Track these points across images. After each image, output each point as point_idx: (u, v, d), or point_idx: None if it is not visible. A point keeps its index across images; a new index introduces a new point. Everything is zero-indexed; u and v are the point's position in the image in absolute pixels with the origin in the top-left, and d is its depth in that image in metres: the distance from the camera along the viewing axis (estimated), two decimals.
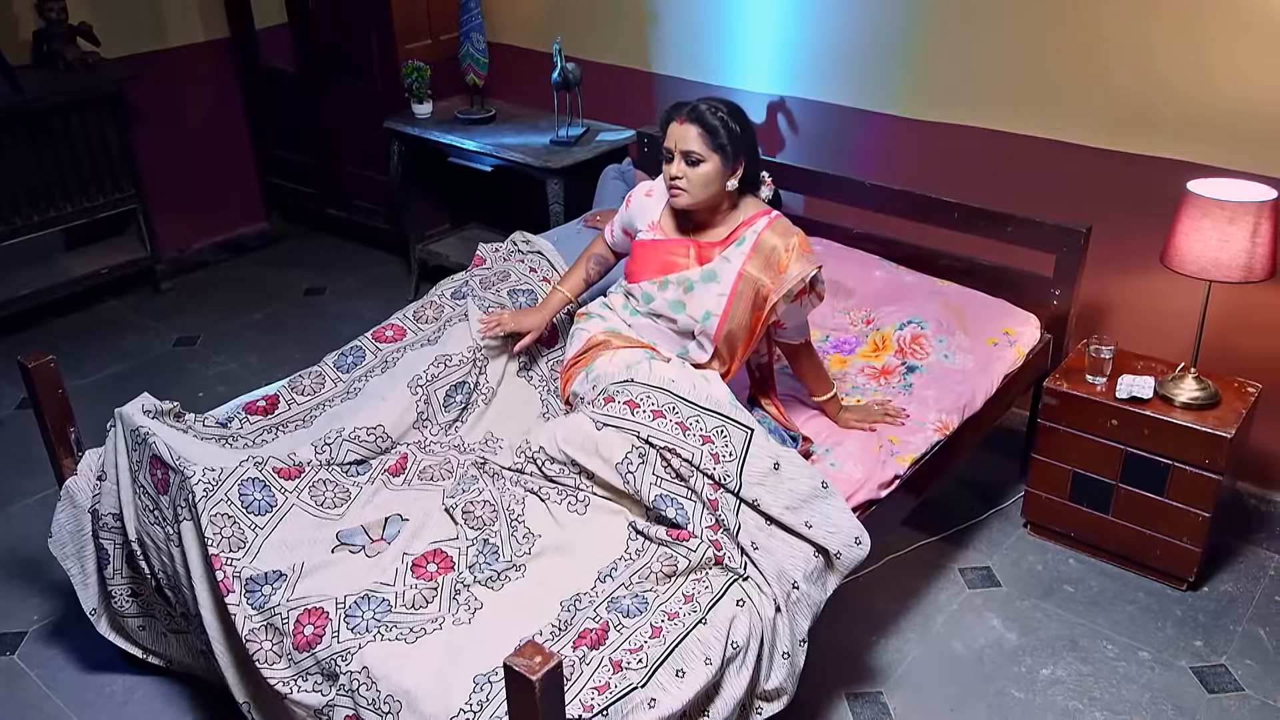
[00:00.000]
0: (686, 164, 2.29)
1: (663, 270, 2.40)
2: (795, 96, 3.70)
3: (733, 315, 2.34)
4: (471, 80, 4.03)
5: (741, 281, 2.34)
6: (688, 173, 2.29)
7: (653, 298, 2.41)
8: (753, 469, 2.14)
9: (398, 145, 4.12)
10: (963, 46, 3.21)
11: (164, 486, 2.18)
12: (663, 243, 2.43)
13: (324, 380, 2.57)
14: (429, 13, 4.29)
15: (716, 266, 2.37)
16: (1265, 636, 2.69)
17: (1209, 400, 2.72)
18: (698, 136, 2.27)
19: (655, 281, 2.40)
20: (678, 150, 2.29)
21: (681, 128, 2.29)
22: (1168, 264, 2.65)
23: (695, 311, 2.36)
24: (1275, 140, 2.70)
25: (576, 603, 2.04)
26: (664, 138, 2.32)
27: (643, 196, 2.51)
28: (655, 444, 2.14)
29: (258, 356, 4.00)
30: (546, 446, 2.26)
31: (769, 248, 2.34)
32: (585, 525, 2.20)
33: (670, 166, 2.31)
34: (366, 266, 4.73)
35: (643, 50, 4.01)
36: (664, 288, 2.40)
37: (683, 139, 2.28)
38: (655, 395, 2.23)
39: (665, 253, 2.42)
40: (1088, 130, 3.04)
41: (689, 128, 2.28)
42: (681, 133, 2.29)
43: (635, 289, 2.44)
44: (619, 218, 2.59)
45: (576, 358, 2.48)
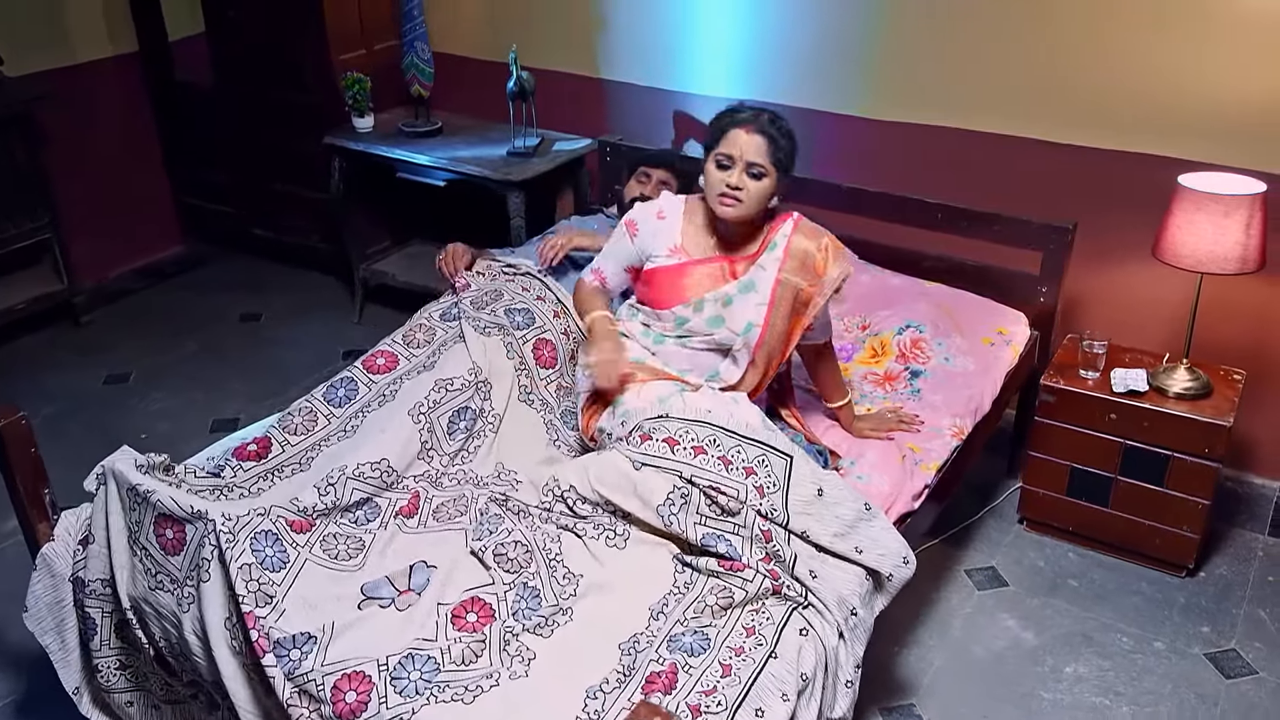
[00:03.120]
0: (749, 175, 2.19)
1: (696, 292, 2.30)
2: (754, 100, 3.63)
3: (773, 323, 2.27)
4: (416, 91, 3.86)
5: (780, 288, 2.27)
6: (748, 184, 2.19)
7: (687, 319, 2.31)
8: (797, 497, 2.08)
9: (339, 161, 3.92)
10: (926, 46, 3.20)
11: (175, 546, 2.00)
12: (691, 265, 2.32)
13: (316, 417, 2.39)
14: (362, 21, 4.09)
15: (753, 276, 2.29)
16: (1267, 618, 2.75)
17: (1202, 390, 2.77)
18: (764, 148, 2.18)
19: (689, 304, 2.30)
20: (741, 160, 2.18)
21: (749, 137, 2.18)
22: (1161, 257, 2.69)
23: (736, 325, 2.28)
24: (1256, 134, 2.75)
25: (635, 644, 1.93)
26: (716, 143, 2.21)
27: (654, 219, 2.36)
28: (698, 483, 2.05)
29: (201, 391, 3.76)
30: (578, 485, 2.14)
31: (801, 251, 2.28)
32: (626, 560, 2.10)
33: (727, 175, 2.19)
34: (302, 289, 4.50)
35: (591, 56, 3.90)
36: (700, 308, 2.30)
37: (749, 149, 2.17)
38: (694, 430, 2.13)
39: (697, 275, 2.31)
40: (1054, 127, 3.06)
41: (756, 138, 2.17)
42: (748, 142, 2.18)
43: (665, 314, 2.33)
44: (614, 255, 2.44)
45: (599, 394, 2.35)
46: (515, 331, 2.59)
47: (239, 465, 2.28)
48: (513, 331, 2.58)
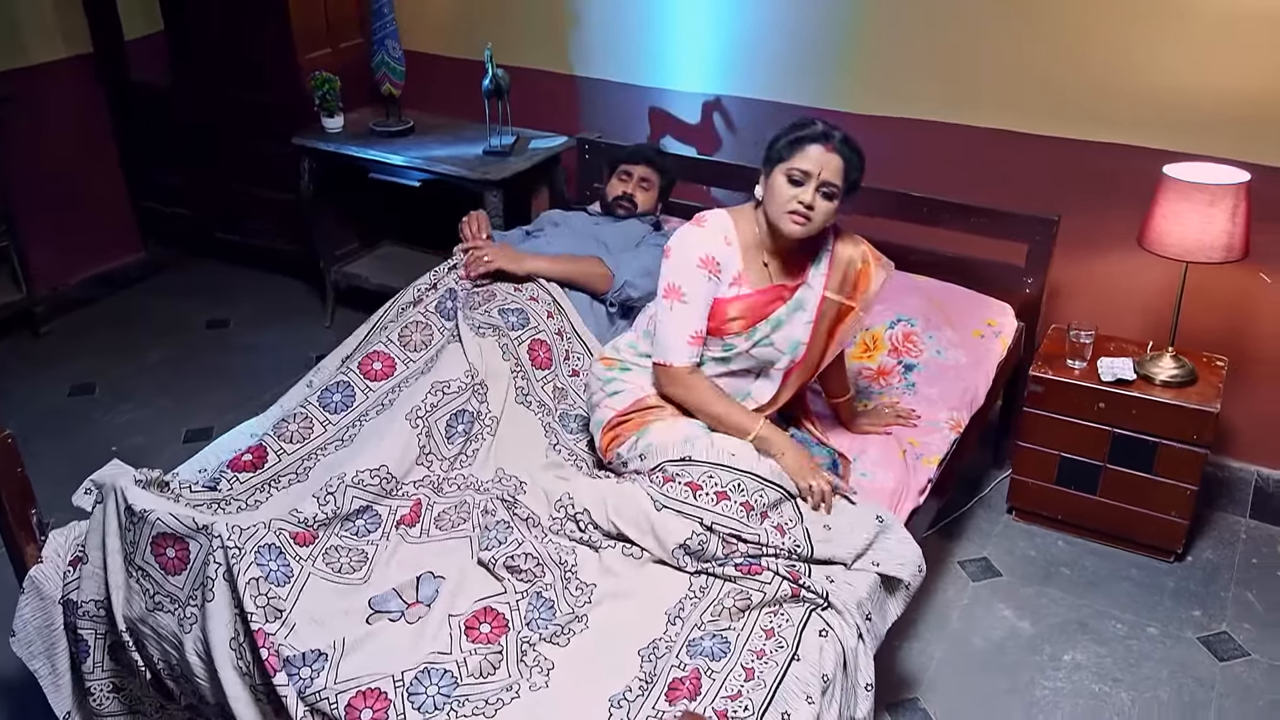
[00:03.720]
0: (821, 195, 2.09)
1: (751, 322, 2.20)
2: (732, 95, 3.64)
3: (816, 338, 2.25)
4: (387, 90, 3.79)
5: (825, 304, 2.24)
6: (820, 204, 2.09)
7: (734, 346, 2.22)
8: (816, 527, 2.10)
9: (308, 162, 3.84)
10: (906, 39, 3.20)
11: (177, 565, 1.93)
12: (753, 297, 2.20)
13: (312, 424, 2.33)
14: (328, 19, 4.01)
15: (802, 295, 2.24)
16: (1254, 600, 2.80)
17: (1188, 377, 2.81)
18: (840, 169, 2.09)
19: (742, 334, 2.21)
20: (817, 178, 2.08)
21: (828, 155, 2.08)
22: (1147, 247, 2.72)
23: (782, 344, 2.24)
24: (1239, 125, 2.78)
25: (654, 651, 1.91)
26: (789, 157, 2.09)
27: (724, 247, 2.17)
28: (719, 530, 2.03)
29: (171, 401, 3.66)
30: (593, 511, 2.11)
31: (845, 261, 2.25)
32: (641, 568, 2.08)
33: (801, 192, 2.08)
34: (269, 293, 4.40)
35: (564, 53, 3.86)
36: (751, 336, 2.22)
37: (828, 168, 2.08)
38: (719, 474, 2.09)
39: (755, 304, 2.21)
40: (1036, 119, 3.08)
41: (835, 158, 2.09)
42: (826, 161, 2.08)
43: (712, 341, 2.22)
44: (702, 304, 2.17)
45: (624, 416, 2.27)
46: (510, 332, 2.55)
47: (235, 477, 2.22)
48: (508, 332, 2.54)
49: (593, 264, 2.81)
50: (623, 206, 3.06)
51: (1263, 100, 2.73)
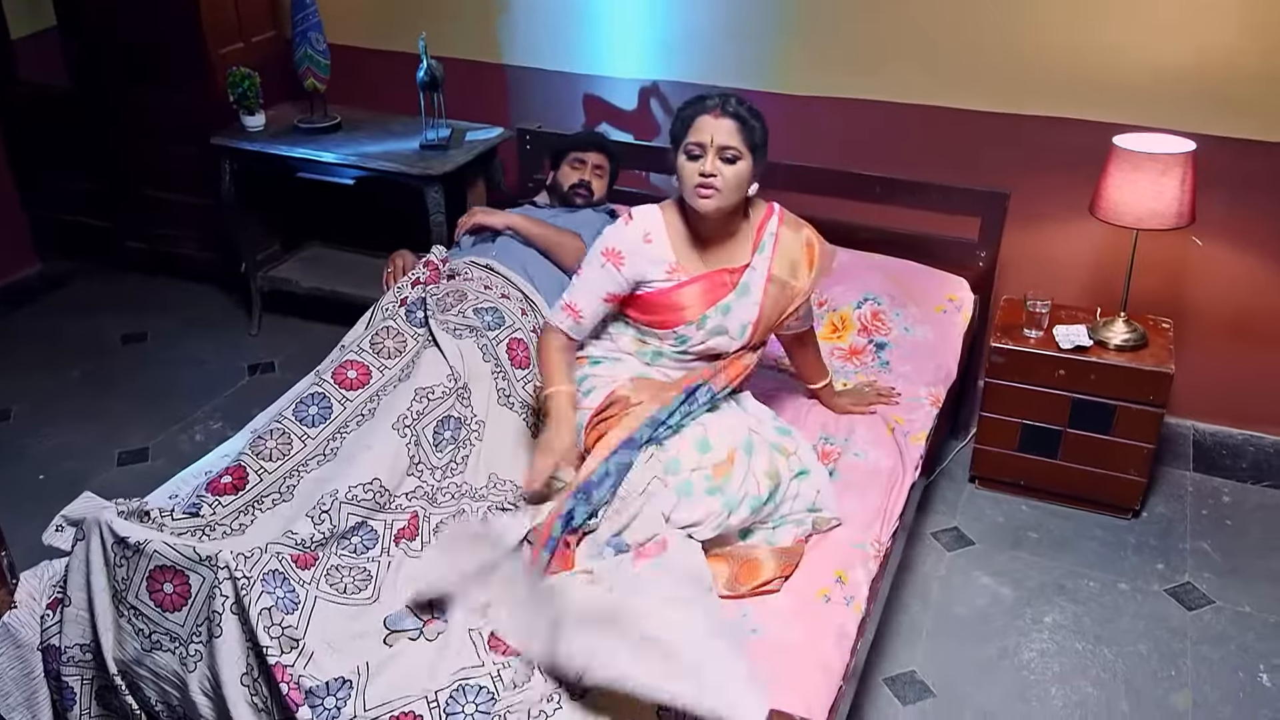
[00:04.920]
0: (722, 161, 2.08)
1: (699, 309, 2.20)
2: (669, 80, 3.60)
3: (764, 319, 2.25)
4: (311, 85, 3.62)
5: (771, 284, 2.24)
6: (723, 170, 2.08)
7: (688, 338, 2.22)
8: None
9: (229, 163, 3.65)
10: (846, 18, 3.22)
11: (176, 602, 1.82)
12: (691, 283, 2.20)
13: (290, 439, 2.21)
14: (239, 12, 3.82)
15: (748, 279, 2.23)
16: (1210, 549, 2.93)
17: (1140, 341, 2.91)
18: (735, 131, 2.08)
19: (693, 323, 2.21)
20: (712, 145, 2.07)
21: (717, 121, 2.08)
22: (1099, 216, 2.80)
23: (734, 330, 2.24)
24: (1182, 96, 2.89)
25: None
26: (684, 134, 2.10)
27: (641, 245, 2.19)
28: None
29: (97, 423, 3.44)
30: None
31: (789, 244, 2.26)
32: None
33: (700, 164, 2.08)
34: (187, 303, 4.18)
35: (493, 41, 3.76)
36: (702, 324, 2.21)
37: (719, 132, 2.07)
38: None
39: (698, 291, 2.21)
40: (981, 96, 3.14)
41: (725, 121, 2.08)
42: (717, 126, 2.08)
43: (665, 334, 2.23)
44: (593, 288, 2.22)
45: (601, 415, 2.21)
46: (488, 332, 2.47)
47: (216, 501, 2.09)
48: (485, 333, 2.47)
49: (568, 235, 2.79)
50: (580, 195, 3.01)
51: (1204, 73, 2.84)
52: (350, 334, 2.56)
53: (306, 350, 3.85)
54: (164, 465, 3.26)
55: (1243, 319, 3.10)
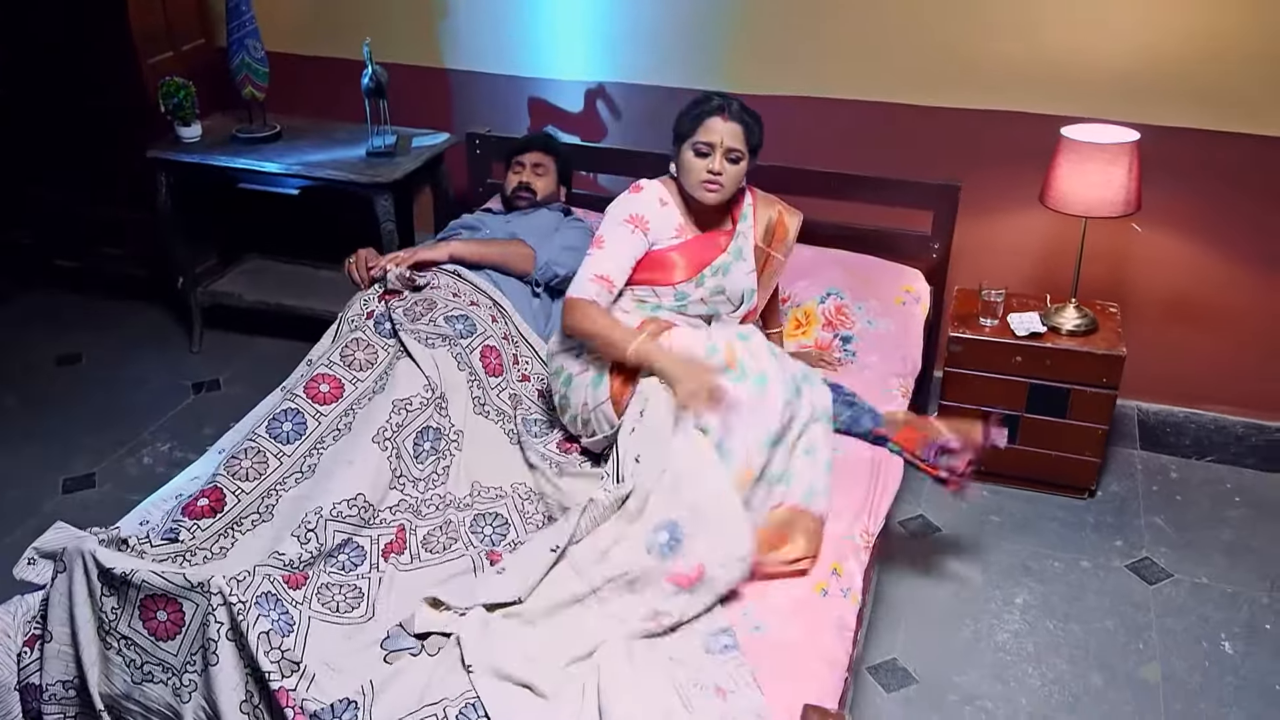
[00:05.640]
0: (727, 161, 2.29)
1: (698, 266, 2.36)
2: (616, 81, 3.60)
3: (761, 288, 2.47)
4: (249, 93, 3.53)
5: (757, 254, 2.46)
6: (727, 169, 2.29)
7: (687, 294, 2.36)
8: None
9: (165, 176, 3.54)
10: (792, 17, 3.25)
11: (170, 630, 1.77)
12: (694, 241, 2.38)
13: (265, 458, 2.16)
14: (167, 20, 3.70)
15: (739, 244, 2.42)
16: (1163, 524, 3.04)
17: (1090, 326, 3.00)
18: (741, 134, 2.28)
19: (691, 280, 2.36)
20: (721, 147, 2.27)
21: (726, 124, 2.28)
22: (1049, 205, 2.88)
23: (735, 295, 2.41)
24: (1125, 88, 2.98)
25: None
26: (693, 132, 2.29)
27: (658, 207, 2.36)
28: None
29: (38, 449, 3.31)
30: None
31: (765, 217, 2.47)
32: None
33: (709, 161, 2.28)
34: (122, 322, 4.04)
35: (434, 46, 3.71)
36: (701, 282, 2.36)
37: (728, 135, 2.28)
38: None
39: (699, 249, 2.38)
40: (927, 91, 3.21)
41: (733, 125, 2.28)
42: (726, 129, 2.28)
43: (664, 290, 2.35)
44: (622, 254, 2.30)
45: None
46: (460, 340, 2.44)
47: (195, 525, 2.04)
48: (458, 341, 2.44)
49: (514, 245, 2.79)
50: (522, 197, 3.01)
51: (1147, 65, 2.94)
52: (316, 348, 2.51)
53: (252, 365, 3.76)
54: (112, 491, 3.15)
55: (1182, 302, 3.21)
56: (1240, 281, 3.14)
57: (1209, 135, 2.97)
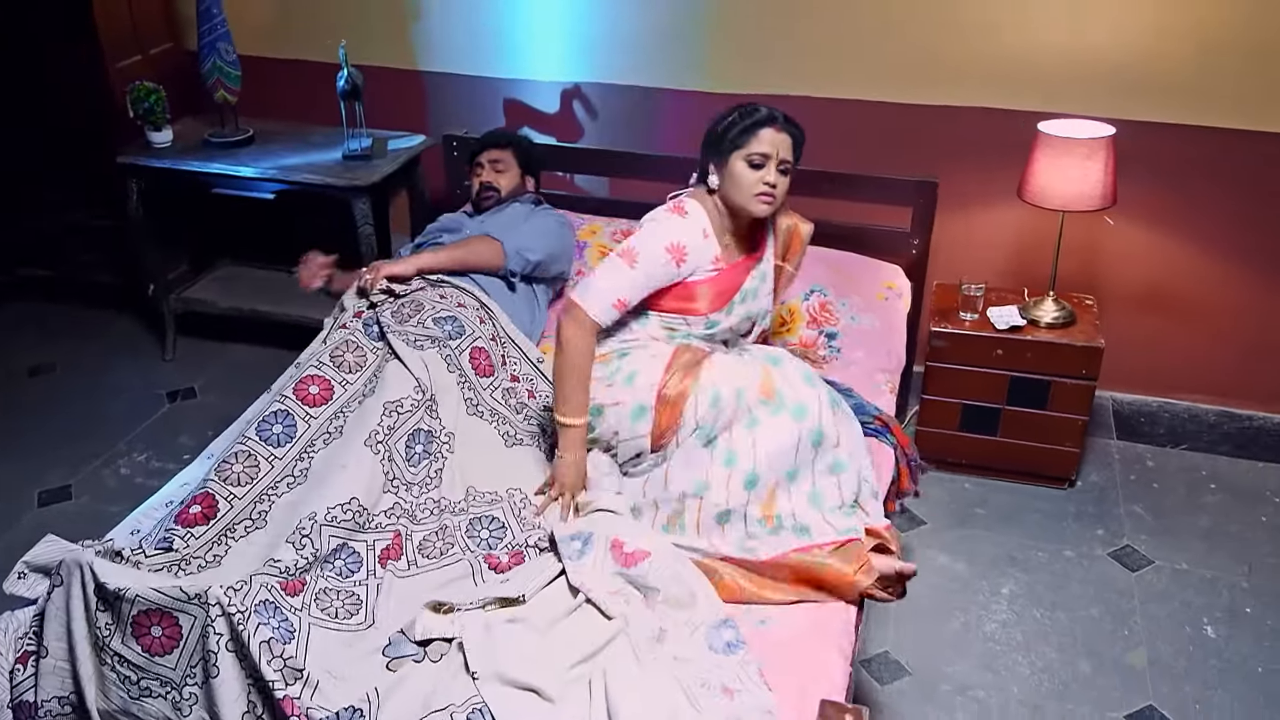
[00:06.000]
0: (780, 173, 2.21)
1: (730, 295, 2.28)
2: (591, 81, 3.60)
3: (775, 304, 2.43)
4: (221, 97, 3.49)
5: (776, 271, 2.40)
6: (780, 181, 2.21)
7: (718, 321, 2.28)
8: None
9: (136, 182, 3.49)
10: (770, 15, 3.27)
11: (166, 645, 1.74)
12: (730, 270, 2.28)
13: (257, 461, 2.13)
14: (135, 24, 3.65)
15: (764, 266, 2.36)
16: (1143, 512, 3.09)
17: (1069, 318, 3.05)
18: (790, 145, 2.21)
19: (723, 310, 2.28)
20: (776, 158, 2.19)
21: (779, 136, 2.19)
22: (1027, 200, 2.92)
23: (757, 315, 2.35)
24: (1100, 84, 3.03)
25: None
26: (744, 143, 2.17)
27: (700, 239, 2.23)
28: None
29: (12, 462, 3.25)
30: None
31: (783, 229, 2.41)
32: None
33: (763, 173, 2.19)
34: (94, 331, 3.98)
35: (408, 48, 3.69)
36: (730, 310, 2.29)
37: (782, 147, 2.20)
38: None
39: (731, 279, 2.28)
40: (903, 88, 3.23)
41: (785, 136, 2.20)
42: (780, 140, 2.19)
43: (695, 320, 2.27)
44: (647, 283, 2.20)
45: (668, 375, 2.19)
46: (450, 342, 2.43)
47: (188, 533, 2.01)
48: (447, 343, 2.43)
49: (478, 242, 2.76)
50: (488, 197, 2.99)
51: (1120, 61, 2.99)
52: (306, 352, 2.49)
53: (227, 373, 3.72)
54: (90, 503, 3.10)
55: (1156, 294, 3.26)
56: (1213, 273, 3.20)
57: (1183, 129, 3.02)
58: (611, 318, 2.19)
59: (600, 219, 3.32)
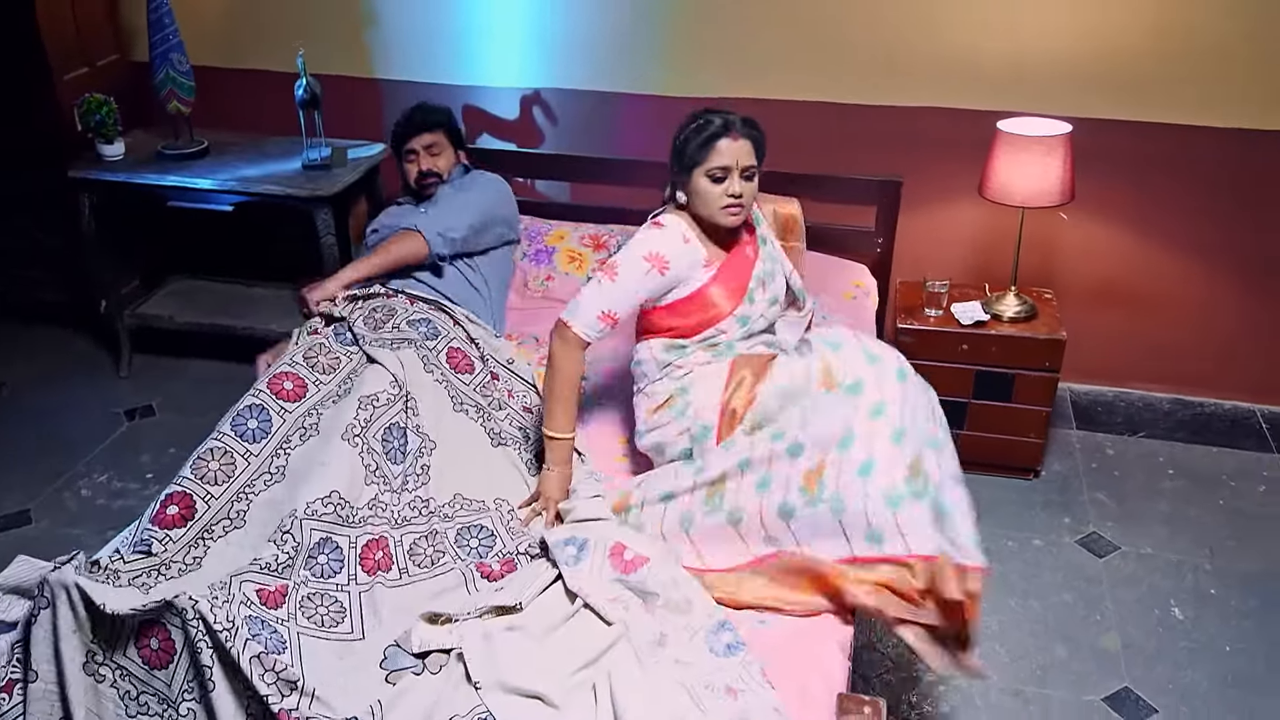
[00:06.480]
0: (744, 179, 2.20)
1: (742, 284, 2.27)
2: (551, 88, 3.60)
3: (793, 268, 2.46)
4: (175, 108, 3.42)
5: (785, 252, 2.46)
6: (745, 188, 2.20)
7: (748, 316, 2.28)
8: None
9: (88, 196, 3.40)
10: (729, 18, 3.30)
11: (163, 659, 1.72)
12: (726, 265, 2.28)
13: (233, 459, 2.10)
14: (80, 36, 3.57)
15: (769, 248, 2.37)
16: (1106, 499, 3.16)
17: (1030, 312, 3.12)
18: (752, 150, 2.20)
19: (744, 299, 2.27)
20: (738, 167, 2.18)
21: (738, 144, 2.18)
22: (989, 197, 2.98)
23: (779, 290, 2.36)
24: (1057, 84, 3.11)
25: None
26: (703, 159, 2.17)
27: (681, 245, 2.23)
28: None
29: None
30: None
31: (770, 214, 2.49)
32: None
33: (728, 185, 2.19)
34: (43, 349, 3.87)
35: (363, 55, 3.66)
36: (752, 298, 2.28)
37: (741, 155, 2.18)
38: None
39: (736, 271, 2.29)
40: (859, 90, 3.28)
41: (744, 143, 2.19)
42: (739, 149, 2.18)
43: (727, 322, 2.26)
44: (634, 292, 2.20)
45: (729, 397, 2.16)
46: (426, 343, 2.43)
47: (166, 535, 1.98)
48: (423, 343, 2.43)
49: (396, 240, 2.73)
50: (430, 184, 2.93)
51: (1075, 60, 3.07)
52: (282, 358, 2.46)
53: (187, 389, 3.65)
54: (50, 527, 3.03)
55: (1110, 287, 3.36)
56: (1165, 266, 3.30)
57: (1139, 126, 3.12)
58: (599, 331, 2.20)
59: (566, 224, 3.32)
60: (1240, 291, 3.31)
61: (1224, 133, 3.09)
